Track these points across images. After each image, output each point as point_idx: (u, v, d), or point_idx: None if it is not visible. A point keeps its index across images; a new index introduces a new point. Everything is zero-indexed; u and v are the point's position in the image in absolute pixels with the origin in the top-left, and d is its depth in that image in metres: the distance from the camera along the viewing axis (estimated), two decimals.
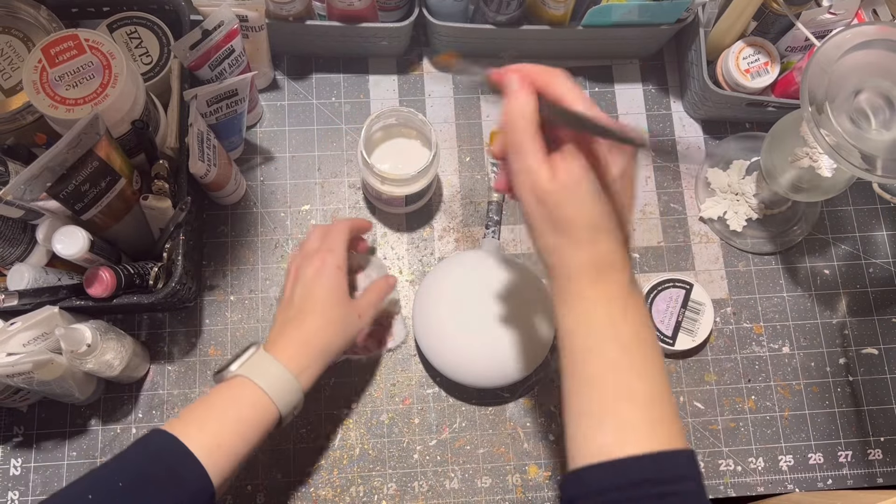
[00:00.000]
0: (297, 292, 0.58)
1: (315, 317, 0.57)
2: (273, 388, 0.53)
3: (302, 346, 0.55)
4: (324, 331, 0.57)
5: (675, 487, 0.40)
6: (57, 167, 0.52)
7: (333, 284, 0.58)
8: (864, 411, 0.72)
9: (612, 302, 0.43)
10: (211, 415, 0.51)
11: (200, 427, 0.50)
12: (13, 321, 0.57)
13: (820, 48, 0.57)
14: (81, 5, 0.67)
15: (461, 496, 0.67)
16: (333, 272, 0.58)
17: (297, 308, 0.57)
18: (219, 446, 0.50)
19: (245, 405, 0.52)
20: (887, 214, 0.77)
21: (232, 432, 0.51)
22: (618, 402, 0.42)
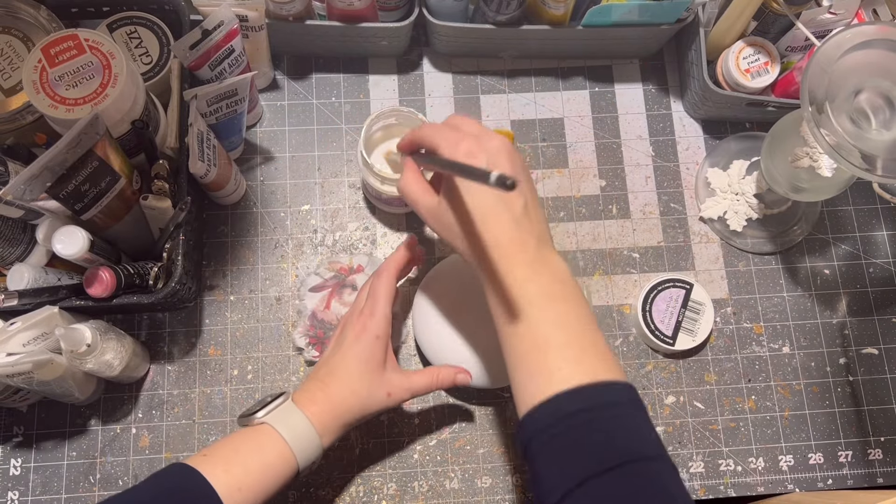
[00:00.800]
0: (336, 353, 0.59)
1: (340, 385, 0.57)
2: (297, 442, 0.54)
3: (327, 407, 0.56)
4: (347, 400, 0.57)
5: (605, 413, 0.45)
6: (57, 167, 0.52)
7: (367, 356, 0.58)
8: (864, 411, 0.72)
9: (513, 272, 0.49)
10: (237, 459, 0.52)
11: (226, 469, 0.51)
12: (13, 321, 0.57)
13: (820, 48, 0.57)
14: (81, 5, 0.67)
15: (461, 496, 0.67)
16: (371, 342, 0.58)
17: (328, 370, 0.58)
18: (240, 489, 0.51)
19: (269, 453, 0.53)
20: (887, 214, 0.77)
21: (255, 478, 0.52)
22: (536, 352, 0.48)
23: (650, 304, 0.71)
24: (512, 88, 0.79)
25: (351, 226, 0.74)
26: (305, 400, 0.56)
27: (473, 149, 0.49)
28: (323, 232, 0.73)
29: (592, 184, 0.76)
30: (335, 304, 0.69)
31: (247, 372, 0.69)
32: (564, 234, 0.75)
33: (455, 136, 0.50)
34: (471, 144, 0.49)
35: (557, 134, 0.78)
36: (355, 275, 0.70)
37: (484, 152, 0.49)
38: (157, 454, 0.66)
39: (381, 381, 0.58)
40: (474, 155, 0.49)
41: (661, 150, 0.78)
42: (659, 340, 0.70)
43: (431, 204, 0.53)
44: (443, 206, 0.52)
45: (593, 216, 0.75)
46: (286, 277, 0.72)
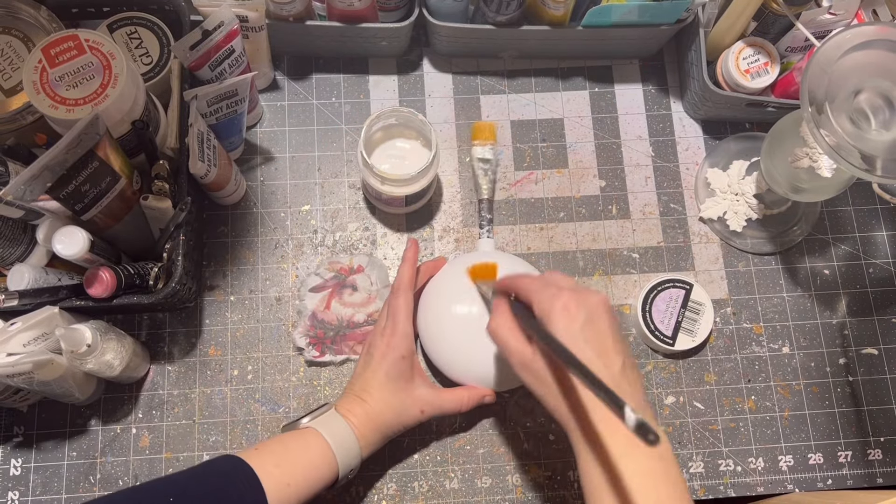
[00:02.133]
0: (366, 370, 0.62)
1: (376, 399, 0.60)
2: (340, 447, 0.57)
3: (366, 417, 0.60)
4: (383, 414, 0.61)
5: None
6: (57, 167, 0.52)
7: (396, 374, 0.61)
8: (864, 411, 0.72)
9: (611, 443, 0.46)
10: (287, 457, 0.55)
11: (277, 464, 0.54)
12: (13, 321, 0.57)
13: (820, 48, 0.57)
14: (81, 5, 0.67)
15: (461, 496, 0.67)
16: (398, 361, 0.61)
17: (362, 386, 0.61)
18: (288, 485, 0.53)
19: (316, 454, 0.56)
20: (887, 214, 0.77)
21: (302, 476, 0.55)
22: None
23: (650, 304, 0.71)
24: (512, 89, 0.79)
25: (351, 226, 0.74)
26: (345, 411, 0.60)
27: (571, 305, 0.48)
28: (323, 232, 0.73)
29: (592, 184, 0.76)
30: (335, 304, 0.70)
31: (247, 372, 0.69)
32: (564, 234, 0.75)
33: (551, 291, 0.49)
34: (568, 300, 0.48)
35: (557, 134, 0.78)
36: (355, 275, 0.71)
37: (583, 310, 0.48)
38: (158, 454, 0.66)
39: (414, 398, 0.62)
40: (572, 312, 0.47)
41: (661, 151, 0.78)
42: (659, 341, 0.70)
43: (524, 354, 0.50)
44: (538, 358, 0.49)
45: (593, 216, 0.75)
46: (286, 278, 0.72)
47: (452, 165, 0.76)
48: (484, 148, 0.74)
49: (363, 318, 0.70)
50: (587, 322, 0.47)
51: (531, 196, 0.76)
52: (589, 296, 0.49)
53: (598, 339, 0.47)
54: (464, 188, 0.76)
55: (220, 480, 0.52)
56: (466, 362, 0.64)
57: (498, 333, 0.52)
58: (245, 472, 0.53)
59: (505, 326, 0.52)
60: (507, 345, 0.51)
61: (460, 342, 0.64)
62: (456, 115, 0.78)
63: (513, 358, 0.51)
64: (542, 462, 0.68)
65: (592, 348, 0.47)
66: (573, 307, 0.48)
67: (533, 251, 0.74)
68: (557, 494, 0.67)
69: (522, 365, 0.50)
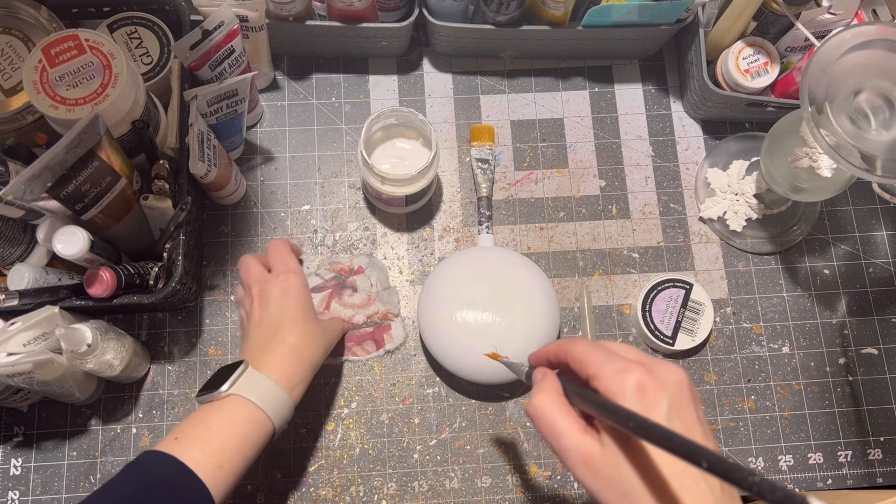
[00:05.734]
0: (270, 312, 0.59)
1: (297, 332, 0.58)
2: (269, 404, 0.54)
3: (290, 361, 0.57)
4: (307, 345, 0.58)
5: None
6: (57, 167, 0.52)
7: (305, 302, 0.60)
8: (864, 411, 0.72)
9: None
10: (211, 435, 0.51)
11: (203, 448, 0.50)
12: (13, 321, 0.57)
13: (820, 48, 0.57)
14: (81, 5, 0.67)
15: (461, 496, 0.67)
16: (301, 290, 0.60)
17: (275, 327, 0.58)
18: (220, 466, 0.50)
19: (243, 423, 0.53)
20: (887, 214, 0.77)
21: (233, 452, 0.51)
22: None
23: (650, 304, 0.71)
24: (512, 88, 0.79)
25: (351, 226, 0.74)
26: (267, 362, 0.56)
27: (648, 386, 0.37)
28: (323, 232, 0.73)
29: (592, 184, 0.77)
30: (335, 305, 0.70)
31: None
32: (564, 234, 0.75)
33: (617, 365, 0.38)
34: (643, 379, 0.37)
35: (557, 134, 0.78)
36: (355, 276, 0.71)
37: (663, 393, 0.37)
38: None
39: (321, 322, 0.62)
40: (650, 396, 0.37)
41: (661, 151, 0.78)
42: (659, 340, 0.70)
43: (589, 449, 0.38)
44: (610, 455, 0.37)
45: (593, 216, 0.75)
46: None
47: (452, 165, 0.76)
48: (482, 149, 0.75)
49: (363, 320, 0.70)
50: (672, 409, 0.37)
51: (531, 196, 0.76)
52: (667, 372, 0.38)
53: (687, 430, 0.37)
54: (464, 188, 0.76)
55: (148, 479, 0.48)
56: (470, 357, 0.64)
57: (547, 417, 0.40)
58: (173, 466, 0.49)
59: (556, 408, 0.40)
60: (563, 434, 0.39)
61: (464, 337, 0.64)
62: (456, 115, 0.78)
63: (569, 454, 0.39)
64: (542, 462, 0.68)
65: None
66: (651, 389, 0.37)
67: (533, 251, 0.74)
68: (557, 494, 0.67)
69: (585, 463, 0.38)
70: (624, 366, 0.38)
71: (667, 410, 0.37)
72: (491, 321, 0.64)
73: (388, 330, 0.70)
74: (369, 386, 0.69)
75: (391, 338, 0.70)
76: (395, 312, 0.71)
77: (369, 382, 0.70)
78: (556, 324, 0.67)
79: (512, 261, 0.68)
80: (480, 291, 0.65)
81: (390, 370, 0.70)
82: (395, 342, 0.70)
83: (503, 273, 0.67)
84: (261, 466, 0.66)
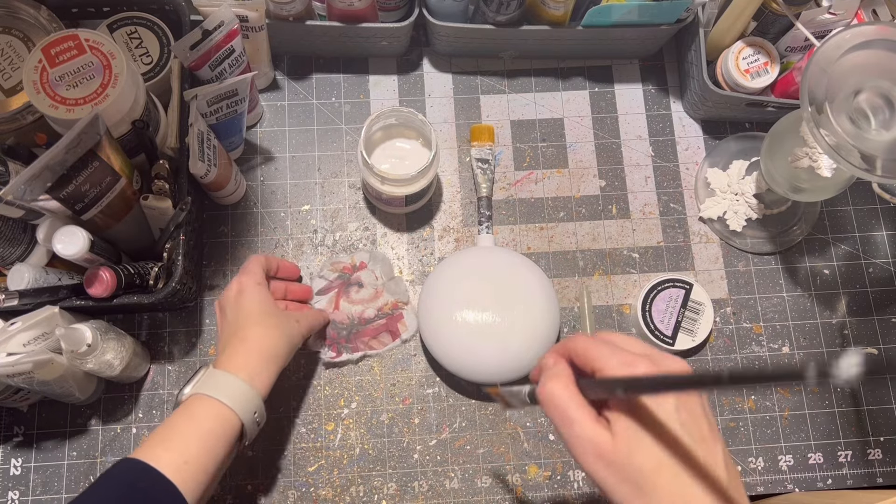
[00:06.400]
0: (227, 318, 0.61)
1: (253, 327, 0.58)
2: (229, 396, 0.54)
3: (248, 355, 0.57)
4: (266, 337, 0.58)
5: None
6: (57, 167, 0.52)
7: (259, 297, 0.60)
8: (864, 411, 0.72)
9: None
10: (174, 434, 0.51)
11: (166, 447, 0.50)
12: (13, 321, 0.57)
13: (820, 48, 0.57)
14: (81, 5, 0.67)
15: (461, 496, 0.67)
16: (254, 287, 0.61)
17: (234, 326, 0.59)
18: (186, 462, 0.50)
19: (205, 419, 0.53)
20: (887, 214, 0.77)
21: (198, 447, 0.51)
22: None
23: (650, 304, 0.71)
24: (512, 88, 0.79)
25: (351, 226, 0.74)
26: (226, 360, 0.57)
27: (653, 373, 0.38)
28: (323, 232, 0.73)
29: (592, 184, 0.77)
30: (343, 303, 0.70)
31: None
32: (564, 234, 0.75)
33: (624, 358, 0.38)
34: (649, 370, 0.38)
35: (557, 134, 0.78)
36: (359, 272, 0.71)
37: None
38: None
39: (287, 315, 0.62)
40: None
41: (661, 151, 0.78)
42: (659, 340, 0.70)
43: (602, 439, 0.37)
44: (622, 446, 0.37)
45: (593, 216, 0.75)
46: None
47: (452, 165, 0.76)
48: (482, 149, 0.75)
49: (373, 313, 0.70)
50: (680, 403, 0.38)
51: (531, 196, 0.76)
52: (672, 365, 0.39)
53: (694, 422, 0.38)
54: (464, 188, 0.76)
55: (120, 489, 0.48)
56: (470, 357, 0.64)
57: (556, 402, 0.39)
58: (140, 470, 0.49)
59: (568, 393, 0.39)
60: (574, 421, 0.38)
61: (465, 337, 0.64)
62: (456, 115, 0.78)
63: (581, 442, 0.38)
64: (542, 462, 0.68)
65: (690, 434, 0.37)
66: None
67: (533, 251, 0.74)
68: (557, 494, 0.67)
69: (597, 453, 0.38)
70: (630, 359, 0.38)
71: (674, 402, 0.38)
72: (491, 321, 0.64)
73: (400, 319, 0.70)
74: (369, 386, 0.69)
75: (405, 326, 0.70)
76: (405, 300, 0.71)
77: (369, 382, 0.70)
78: (556, 324, 0.67)
79: (512, 261, 0.68)
80: (480, 291, 0.65)
81: (390, 370, 0.70)
82: (410, 330, 0.70)
83: (503, 273, 0.67)
84: (261, 466, 0.66)
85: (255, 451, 0.67)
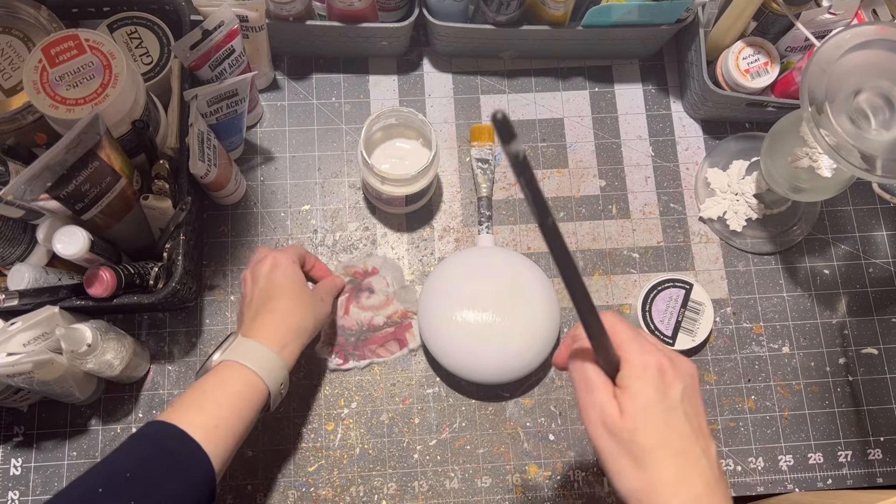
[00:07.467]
0: (259, 287, 0.61)
1: (284, 300, 0.59)
2: (258, 365, 0.55)
3: (278, 326, 0.58)
4: (295, 310, 0.59)
5: None
6: (57, 167, 0.52)
7: (291, 273, 0.61)
8: (864, 411, 0.72)
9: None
10: (206, 399, 0.53)
11: (198, 411, 0.52)
12: (13, 321, 0.57)
13: (820, 48, 0.57)
14: (82, 5, 0.67)
15: (461, 496, 0.67)
16: (289, 265, 0.62)
17: (263, 298, 0.60)
18: (217, 426, 0.51)
19: (236, 384, 0.54)
20: (887, 214, 0.77)
21: (229, 411, 0.52)
22: None
23: (650, 304, 0.71)
24: (512, 88, 0.79)
25: (351, 226, 0.74)
26: (256, 330, 0.58)
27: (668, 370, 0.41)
28: (323, 232, 0.73)
29: (592, 184, 0.77)
30: (353, 309, 0.70)
31: None
32: (564, 234, 0.75)
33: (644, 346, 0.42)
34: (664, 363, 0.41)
35: (557, 134, 0.78)
36: (371, 277, 0.71)
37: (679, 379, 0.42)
38: None
39: (312, 291, 0.63)
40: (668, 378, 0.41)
41: (661, 151, 0.78)
42: (658, 341, 0.70)
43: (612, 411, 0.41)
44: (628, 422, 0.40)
45: (593, 216, 0.75)
46: None
47: (452, 165, 0.76)
48: (482, 149, 0.75)
49: (382, 321, 0.70)
50: (685, 394, 0.41)
51: None
52: (683, 363, 0.43)
53: (696, 415, 0.42)
54: (464, 188, 0.76)
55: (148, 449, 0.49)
56: (470, 357, 0.64)
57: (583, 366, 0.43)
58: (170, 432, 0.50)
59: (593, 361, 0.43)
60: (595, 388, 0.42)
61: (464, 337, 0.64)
62: (456, 115, 0.78)
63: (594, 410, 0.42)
64: (542, 462, 0.68)
65: (691, 425, 0.41)
66: (670, 374, 0.41)
67: (533, 251, 0.74)
68: (557, 494, 0.67)
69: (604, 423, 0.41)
70: (649, 349, 0.42)
71: (680, 394, 0.41)
72: (491, 321, 0.64)
73: (409, 329, 0.70)
74: (369, 386, 0.69)
75: (413, 336, 0.70)
76: (415, 310, 0.71)
77: (369, 382, 0.70)
78: (556, 324, 0.67)
79: (512, 261, 0.68)
80: (480, 292, 0.65)
81: (390, 370, 0.70)
82: (418, 340, 0.70)
83: (503, 273, 0.67)
84: (261, 466, 0.66)
85: (255, 451, 0.67)
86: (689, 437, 0.41)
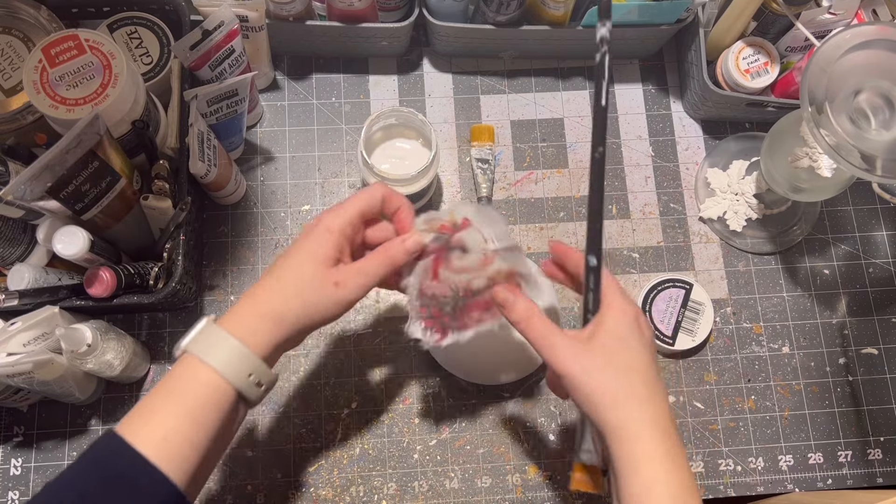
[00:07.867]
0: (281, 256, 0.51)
1: (269, 279, 0.50)
2: (217, 358, 0.46)
3: (249, 308, 0.49)
4: (276, 292, 0.49)
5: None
6: (57, 167, 0.52)
7: (313, 246, 0.50)
8: (864, 411, 0.72)
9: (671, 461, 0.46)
10: (156, 403, 0.46)
11: (145, 420, 0.44)
12: (13, 321, 0.57)
13: (820, 48, 0.57)
14: (81, 5, 0.67)
15: (461, 496, 0.67)
16: (321, 233, 0.50)
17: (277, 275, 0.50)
18: (165, 438, 0.44)
19: (195, 384, 0.46)
20: (887, 214, 0.77)
21: (182, 419, 0.44)
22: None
23: (650, 304, 0.71)
24: (512, 88, 0.79)
25: None
26: (228, 313, 0.49)
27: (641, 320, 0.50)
28: None
29: None
30: (444, 272, 0.53)
31: None
32: (564, 234, 0.75)
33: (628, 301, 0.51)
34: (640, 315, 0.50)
35: (557, 134, 0.78)
36: (461, 232, 0.53)
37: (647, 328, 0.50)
38: None
39: (329, 271, 0.50)
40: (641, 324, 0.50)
41: (661, 151, 0.78)
42: (659, 340, 0.70)
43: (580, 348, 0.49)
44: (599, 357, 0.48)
45: None
46: None
47: (452, 165, 0.76)
48: (482, 149, 0.75)
49: (483, 283, 0.53)
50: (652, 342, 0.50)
51: (531, 196, 0.76)
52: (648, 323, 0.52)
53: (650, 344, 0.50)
54: (464, 188, 0.76)
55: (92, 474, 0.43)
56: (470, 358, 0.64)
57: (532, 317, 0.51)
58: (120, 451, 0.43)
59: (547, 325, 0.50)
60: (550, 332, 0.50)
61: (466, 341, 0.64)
62: (456, 115, 0.78)
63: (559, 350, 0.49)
64: (542, 462, 0.68)
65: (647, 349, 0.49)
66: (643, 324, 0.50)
67: (533, 251, 0.74)
68: (557, 494, 0.67)
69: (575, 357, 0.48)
70: (630, 301, 0.51)
71: (650, 339, 0.50)
72: None
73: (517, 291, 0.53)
74: (369, 386, 0.69)
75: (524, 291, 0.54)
76: (524, 271, 0.54)
77: (369, 382, 0.70)
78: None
79: None
80: None
81: (391, 370, 0.70)
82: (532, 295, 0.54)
83: None
84: (261, 466, 0.66)
85: (255, 451, 0.67)
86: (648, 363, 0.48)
